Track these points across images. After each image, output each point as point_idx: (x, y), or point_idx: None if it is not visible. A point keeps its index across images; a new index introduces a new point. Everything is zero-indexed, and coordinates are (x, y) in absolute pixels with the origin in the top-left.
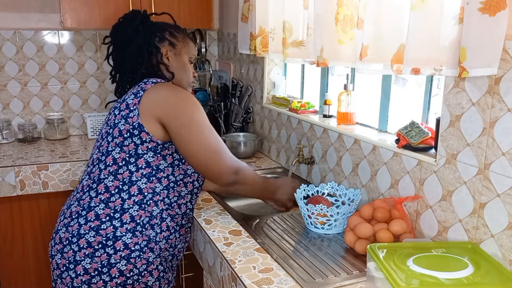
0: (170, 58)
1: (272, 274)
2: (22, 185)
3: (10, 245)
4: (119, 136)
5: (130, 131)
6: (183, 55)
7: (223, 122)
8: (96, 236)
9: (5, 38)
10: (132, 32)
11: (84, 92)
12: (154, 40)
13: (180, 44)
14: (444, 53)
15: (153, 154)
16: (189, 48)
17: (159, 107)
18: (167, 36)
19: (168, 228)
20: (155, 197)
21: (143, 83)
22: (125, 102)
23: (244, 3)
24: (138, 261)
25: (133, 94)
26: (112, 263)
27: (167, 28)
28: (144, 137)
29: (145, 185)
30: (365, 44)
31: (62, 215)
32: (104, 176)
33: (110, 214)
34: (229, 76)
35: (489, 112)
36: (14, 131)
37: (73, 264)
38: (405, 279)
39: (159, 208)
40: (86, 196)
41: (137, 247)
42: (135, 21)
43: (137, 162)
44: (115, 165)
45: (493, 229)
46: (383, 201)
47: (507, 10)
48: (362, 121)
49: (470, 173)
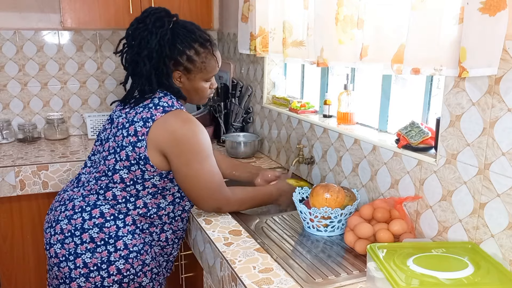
0: (183, 80)
1: (272, 274)
2: (22, 185)
3: (10, 245)
4: (126, 160)
5: (136, 159)
6: (197, 80)
7: (223, 122)
8: (100, 233)
9: (5, 38)
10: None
11: (84, 92)
12: (169, 63)
13: (196, 70)
14: (444, 53)
15: (159, 178)
16: (207, 72)
17: (164, 142)
18: (184, 62)
19: (166, 239)
20: (160, 211)
21: (154, 106)
22: (134, 127)
23: (244, 3)
24: (135, 261)
25: (142, 120)
26: (111, 261)
27: (187, 47)
28: (149, 168)
29: (150, 201)
30: (365, 44)
31: (62, 205)
32: (112, 186)
33: (114, 214)
34: (229, 76)
35: (489, 112)
36: (14, 131)
37: (73, 256)
38: (405, 279)
39: (162, 221)
40: (93, 195)
41: (135, 248)
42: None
43: (144, 184)
44: (123, 183)
45: (493, 229)
46: (383, 201)
47: (507, 10)
48: (362, 121)
49: (470, 173)
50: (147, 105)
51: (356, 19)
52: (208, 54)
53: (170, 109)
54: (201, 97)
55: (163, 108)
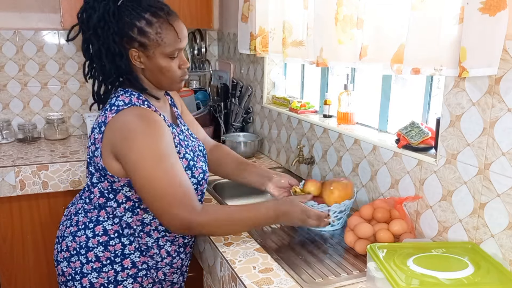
0: (143, 60)
1: (272, 274)
2: (22, 185)
3: (10, 245)
4: (96, 172)
5: (98, 171)
6: (158, 57)
7: (223, 122)
8: (105, 251)
9: (5, 38)
10: (91, 28)
11: (84, 92)
12: (120, 41)
13: (152, 44)
14: (444, 53)
15: (129, 189)
16: (166, 45)
17: (114, 142)
18: (136, 36)
19: (169, 253)
20: (146, 228)
21: (109, 107)
22: (93, 134)
23: (244, 3)
24: (144, 280)
25: (98, 126)
26: (118, 280)
27: (136, 18)
28: (110, 178)
29: (131, 219)
30: (365, 44)
31: (68, 220)
32: (102, 202)
33: (118, 231)
34: (229, 76)
35: (489, 112)
36: (14, 131)
37: (79, 276)
38: (405, 279)
39: (153, 239)
40: (95, 210)
41: (145, 266)
42: (99, 2)
43: (116, 198)
44: (103, 197)
45: (493, 229)
46: (383, 201)
47: (507, 10)
48: (362, 121)
49: (470, 173)
50: (105, 108)
51: (355, 19)
52: (164, 24)
53: (123, 108)
54: (170, 78)
55: (117, 107)
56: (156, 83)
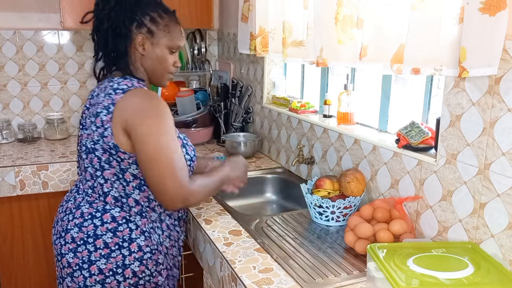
0: (146, 47)
1: (272, 274)
2: (22, 185)
3: (10, 245)
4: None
5: (108, 151)
6: (162, 47)
7: (223, 122)
8: (114, 237)
9: (5, 38)
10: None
11: (84, 92)
12: (131, 25)
13: (160, 33)
14: (444, 53)
15: (136, 166)
16: (171, 37)
17: (126, 117)
18: (147, 23)
19: (168, 227)
20: (152, 203)
21: (114, 91)
22: (100, 118)
23: (244, 3)
24: (149, 262)
25: (105, 108)
26: (126, 264)
27: (150, 10)
28: (122, 156)
29: (139, 196)
30: (365, 44)
31: (69, 215)
32: (107, 188)
33: (126, 217)
34: (229, 76)
35: (489, 112)
36: (14, 131)
37: (87, 264)
38: (405, 279)
39: (156, 213)
40: (100, 201)
41: (148, 249)
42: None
43: (125, 177)
44: (108, 182)
45: (493, 229)
46: (383, 201)
47: (507, 10)
48: (362, 121)
49: (470, 173)
50: (108, 93)
51: (355, 19)
52: (172, 21)
53: (129, 89)
54: (164, 70)
55: (123, 90)
56: (150, 71)
